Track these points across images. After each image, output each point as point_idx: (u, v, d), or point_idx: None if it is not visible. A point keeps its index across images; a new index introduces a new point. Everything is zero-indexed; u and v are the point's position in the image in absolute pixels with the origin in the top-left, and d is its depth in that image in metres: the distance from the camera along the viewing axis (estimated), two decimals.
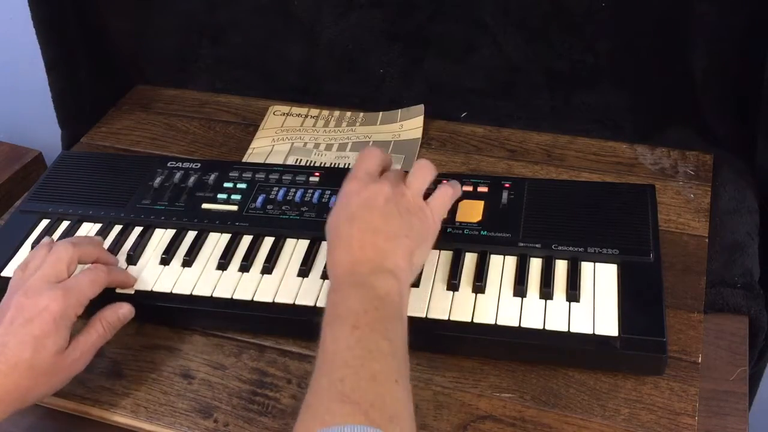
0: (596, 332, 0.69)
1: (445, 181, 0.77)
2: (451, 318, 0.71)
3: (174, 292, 0.77)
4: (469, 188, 0.83)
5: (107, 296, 0.73)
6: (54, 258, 0.70)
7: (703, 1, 0.83)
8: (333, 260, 0.68)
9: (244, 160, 0.98)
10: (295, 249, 0.80)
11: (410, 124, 1.00)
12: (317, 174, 0.87)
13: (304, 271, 0.77)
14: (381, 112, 1.03)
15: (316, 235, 0.80)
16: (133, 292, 0.77)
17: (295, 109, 1.06)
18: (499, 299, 0.72)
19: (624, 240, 0.75)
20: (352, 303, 0.63)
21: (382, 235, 0.67)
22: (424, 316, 0.72)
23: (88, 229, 0.85)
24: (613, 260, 0.74)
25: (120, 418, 0.71)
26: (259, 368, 0.74)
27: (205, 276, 0.78)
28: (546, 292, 0.72)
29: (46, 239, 0.78)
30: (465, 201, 0.81)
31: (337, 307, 0.63)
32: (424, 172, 0.75)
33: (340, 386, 0.57)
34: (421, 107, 1.02)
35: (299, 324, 0.74)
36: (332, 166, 0.95)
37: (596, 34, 0.89)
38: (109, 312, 0.71)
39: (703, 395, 0.69)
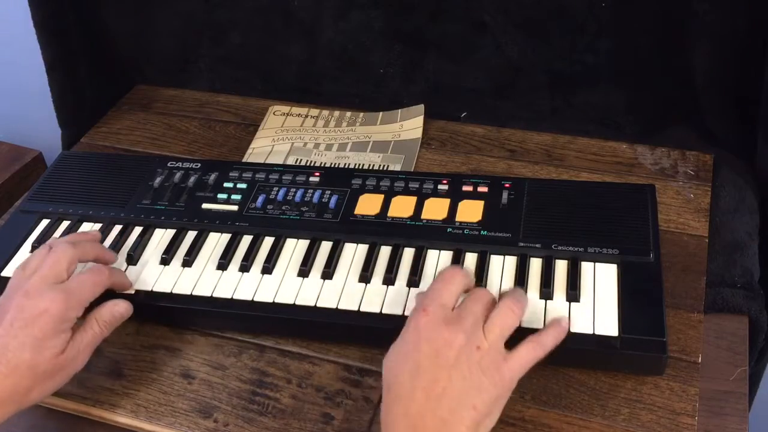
0: (596, 332, 0.69)
1: (533, 338, 0.65)
2: None
3: (174, 292, 0.77)
4: (469, 188, 0.83)
5: (105, 295, 0.73)
6: (53, 259, 0.70)
7: (703, 1, 0.83)
8: (389, 421, 0.60)
9: (244, 160, 0.98)
10: (295, 249, 0.80)
11: (410, 124, 1.00)
12: (317, 174, 0.87)
13: (304, 271, 0.77)
14: (381, 112, 1.03)
15: (316, 235, 0.80)
16: (133, 292, 0.77)
17: (295, 109, 1.06)
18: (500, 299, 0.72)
19: (624, 240, 0.75)
20: None
21: (446, 402, 0.59)
22: None
23: (88, 229, 0.85)
24: (613, 260, 0.74)
25: (120, 418, 0.71)
26: (259, 368, 0.74)
27: (205, 276, 0.78)
28: (546, 292, 0.72)
29: (50, 241, 0.78)
30: (465, 201, 0.81)
31: None
32: (508, 318, 0.64)
33: None
34: (421, 107, 1.02)
35: (299, 324, 0.74)
36: (332, 166, 0.95)
37: (597, 34, 0.89)
38: (104, 310, 0.71)
39: (703, 395, 0.69)
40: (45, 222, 0.86)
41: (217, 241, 0.82)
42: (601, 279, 0.73)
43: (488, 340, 0.62)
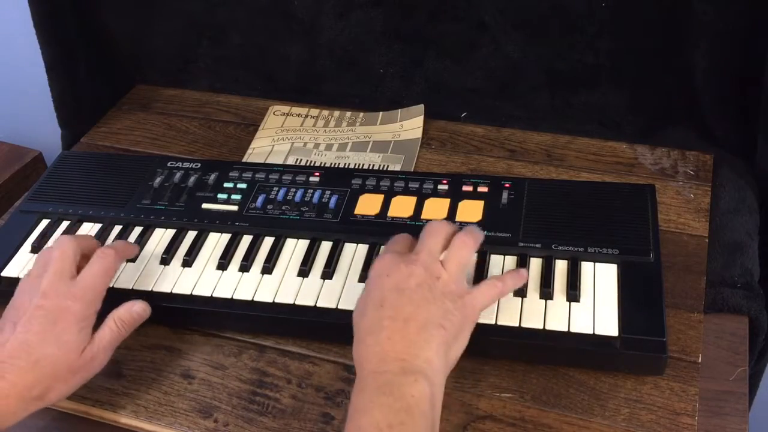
0: (596, 332, 0.69)
1: (494, 277, 0.69)
2: None
3: (174, 292, 0.77)
4: (469, 188, 0.83)
5: (118, 297, 0.73)
6: (59, 253, 0.70)
7: (703, 1, 0.83)
8: (360, 353, 0.62)
9: (244, 160, 0.98)
10: (295, 249, 0.80)
11: (410, 124, 1.00)
12: (317, 174, 0.87)
13: (304, 271, 0.77)
14: (381, 112, 1.03)
15: (316, 235, 0.80)
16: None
17: (295, 109, 1.06)
18: (500, 299, 0.72)
19: (624, 240, 0.75)
20: (377, 414, 0.57)
21: (414, 324, 0.61)
22: None
23: (88, 229, 0.85)
24: (613, 260, 0.74)
25: (120, 418, 0.71)
26: (259, 368, 0.74)
27: (205, 276, 0.78)
28: (546, 292, 0.72)
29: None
30: (465, 201, 0.81)
31: (359, 416, 0.57)
32: (463, 250, 0.67)
33: None
34: (421, 107, 1.02)
35: (299, 324, 0.74)
36: (332, 166, 0.95)
37: (596, 34, 0.89)
38: (122, 310, 0.71)
39: (703, 395, 0.69)
40: (45, 222, 0.86)
41: (217, 241, 0.82)
42: (601, 279, 0.73)
43: (447, 271, 0.65)
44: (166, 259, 0.80)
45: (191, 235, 0.82)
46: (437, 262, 0.65)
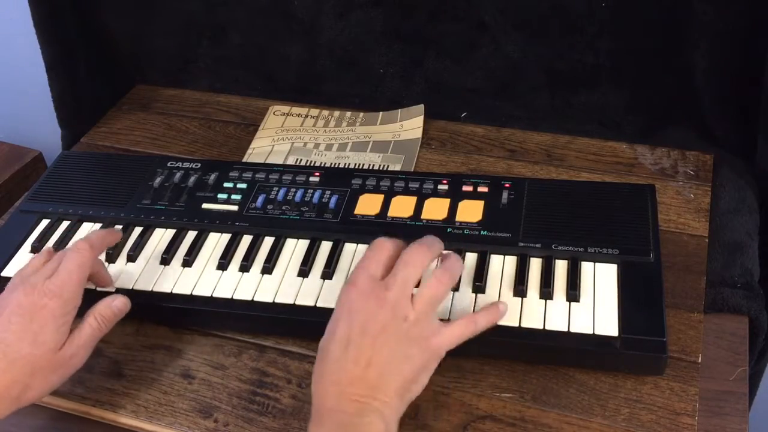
0: (596, 332, 0.69)
1: (469, 316, 0.67)
2: (452, 318, 0.71)
3: (174, 292, 0.77)
4: (469, 188, 0.83)
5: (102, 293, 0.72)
6: (54, 262, 0.69)
7: (703, 1, 0.83)
8: (320, 390, 0.62)
9: (244, 160, 0.98)
10: (295, 249, 0.80)
11: (410, 124, 1.00)
12: (317, 174, 0.87)
13: (304, 271, 0.77)
14: (381, 112, 1.03)
15: (316, 235, 0.80)
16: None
17: (295, 109, 1.06)
18: (499, 299, 0.72)
19: (624, 240, 0.75)
20: None
21: (375, 369, 0.61)
22: None
23: (88, 229, 0.85)
24: (613, 260, 0.74)
25: (120, 418, 0.71)
26: (259, 368, 0.74)
27: (205, 276, 0.78)
28: (546, 292, 0.72)
29: (46, 248, 0.78)
30: (465, 201, 0.81)
31: None
32: (438, 288, 0.65)
33: None
34: (421, 107, 1.02)
35: (299, 324, 0.74)
36: (332, 166, 0.95)
37: (596, 34, 0.89)
38: (102, 306, 0.70)
39: (703, 395, 0.69)
40: (45, 222, 0.86)
41: (217, 241, 0.82)
42: (601, 279, 0.73)
43: (416, 311, 0.63)
44: (166, 259, 0.80)
45: (191, 235, 0.82)
46: (408, 298, 0.64)
